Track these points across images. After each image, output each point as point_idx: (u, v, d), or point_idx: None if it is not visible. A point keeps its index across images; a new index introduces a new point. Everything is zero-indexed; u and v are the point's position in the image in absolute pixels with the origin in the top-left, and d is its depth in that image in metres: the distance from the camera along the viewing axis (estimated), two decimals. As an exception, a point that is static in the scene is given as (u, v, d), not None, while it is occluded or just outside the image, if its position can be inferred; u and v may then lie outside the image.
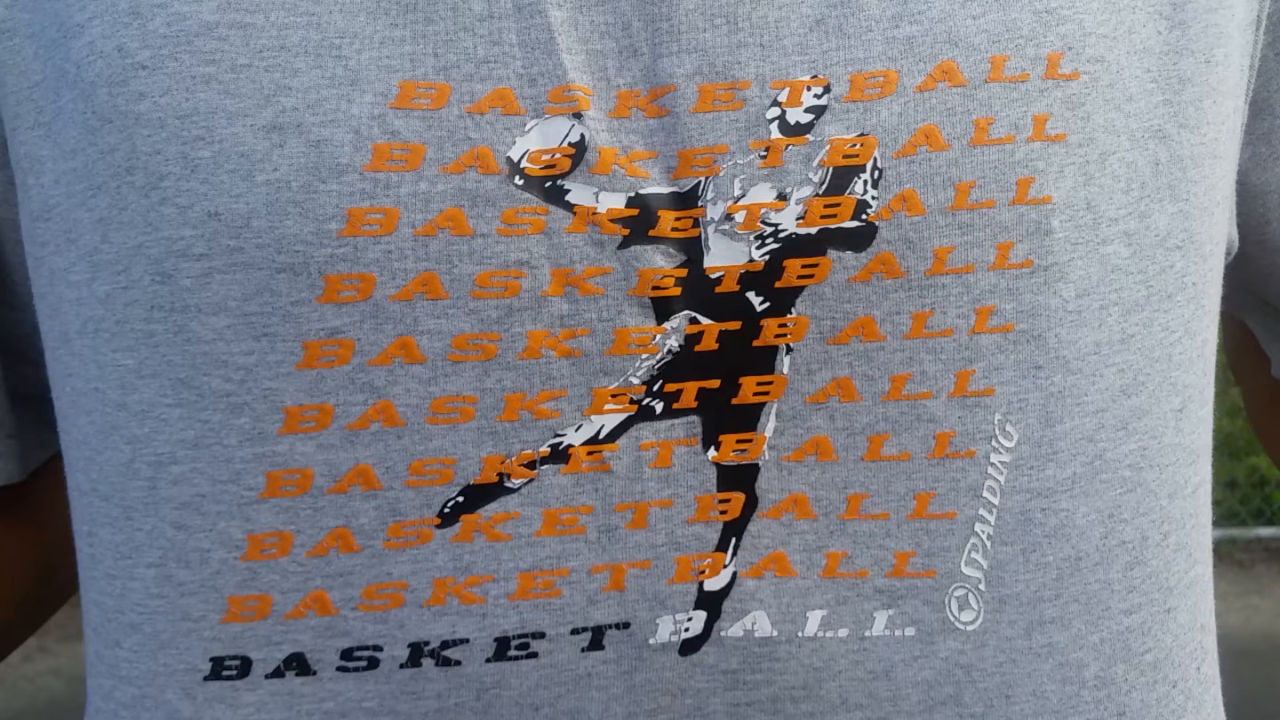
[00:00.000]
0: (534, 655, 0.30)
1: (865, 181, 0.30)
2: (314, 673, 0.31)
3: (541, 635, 0.30)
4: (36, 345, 0.41)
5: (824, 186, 0.30)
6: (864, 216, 0.30)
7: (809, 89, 0.30)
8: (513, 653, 0.30)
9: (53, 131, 0.32)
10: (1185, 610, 0.36)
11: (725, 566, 0.31)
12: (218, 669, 0.31)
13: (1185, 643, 0.36)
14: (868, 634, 0.31)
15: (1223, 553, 2.75)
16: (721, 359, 0.30)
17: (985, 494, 0.32)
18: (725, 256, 0.30)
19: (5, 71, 0.33)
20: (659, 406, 0.30)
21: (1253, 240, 0.43)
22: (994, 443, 0.31)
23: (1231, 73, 0.35)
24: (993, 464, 0.32)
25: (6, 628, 0.48)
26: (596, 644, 0.31)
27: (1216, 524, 2.79)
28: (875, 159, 0.30)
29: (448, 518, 0.30)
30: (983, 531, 0.32)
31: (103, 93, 0.31)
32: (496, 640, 0.30)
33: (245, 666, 0.31)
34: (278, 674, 0.31)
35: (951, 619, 0.32)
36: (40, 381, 0.42)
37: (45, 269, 0.34)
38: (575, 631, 0.30)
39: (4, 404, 0.41)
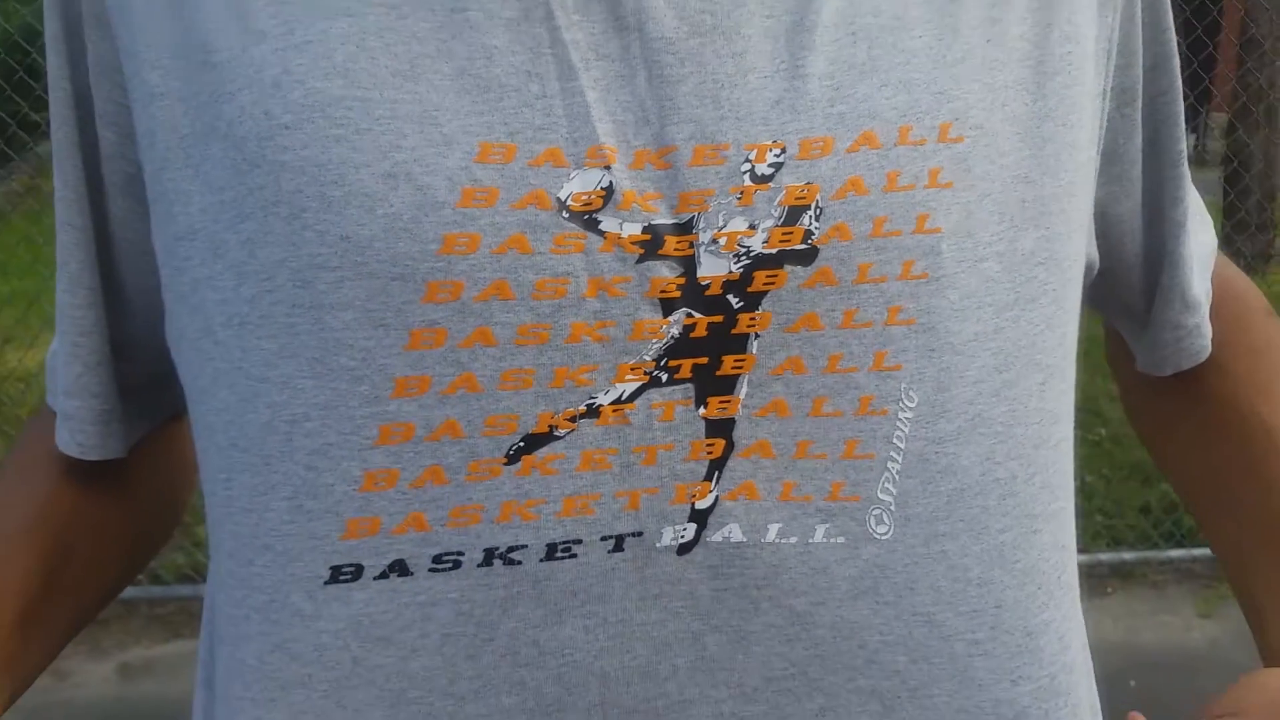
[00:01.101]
0: (574, 556, 0.41)
1: (810, 216, 0.42)
2: (411, 574, 0.41)
3: (579, 542, 0.41)
4: (139, 346, 0.51)
5: (781, 220, 0.42)
6: (809, 241, 0.42)
7: (771, 150, 0.42)
8: (559, 555, 0.41)
9: (201, 173, 0.43)
10: (1049, 533, 0.48)
11: (710, 492, 0.42)
12: (335, 575, 0.42)
13: (1049, 557, 0.48)
14: (811, 541, 0.43)
15: (1138, 575, 2.92)
16: (709, 343, 0.42)
17: (895, 441, 0.43)
18: (712, 269, 0.42)
19: (157, 125, 0.44)
20: (664, 377, 0.42)
21: (1114, 258, 0.56)
22: (901, 404, 0.43)
23: (1085, 132, 0.48)
24: (900, 419, 0.43)
25: (108, 584, 0.57)
26: (618, 548, 0.42)
27: (1132, 547, 2.97)
28: (818, 200, 0.42)
29: (512, 458, 0.41)
30: (893, 468, 0.43)
31: (252, 145, 0.41)
32: (547, 546, 0.41)
33: (358, 572, 0.42)
34: (383, 576, 0.41)
35: (871, 531, 0.43)
36: (134, 376, 0.53)
37: (188, 278, 0.44)
38: (603, 539, 0.41)
39: (115, 393, 0.52)
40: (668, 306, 0.41)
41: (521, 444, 0.41)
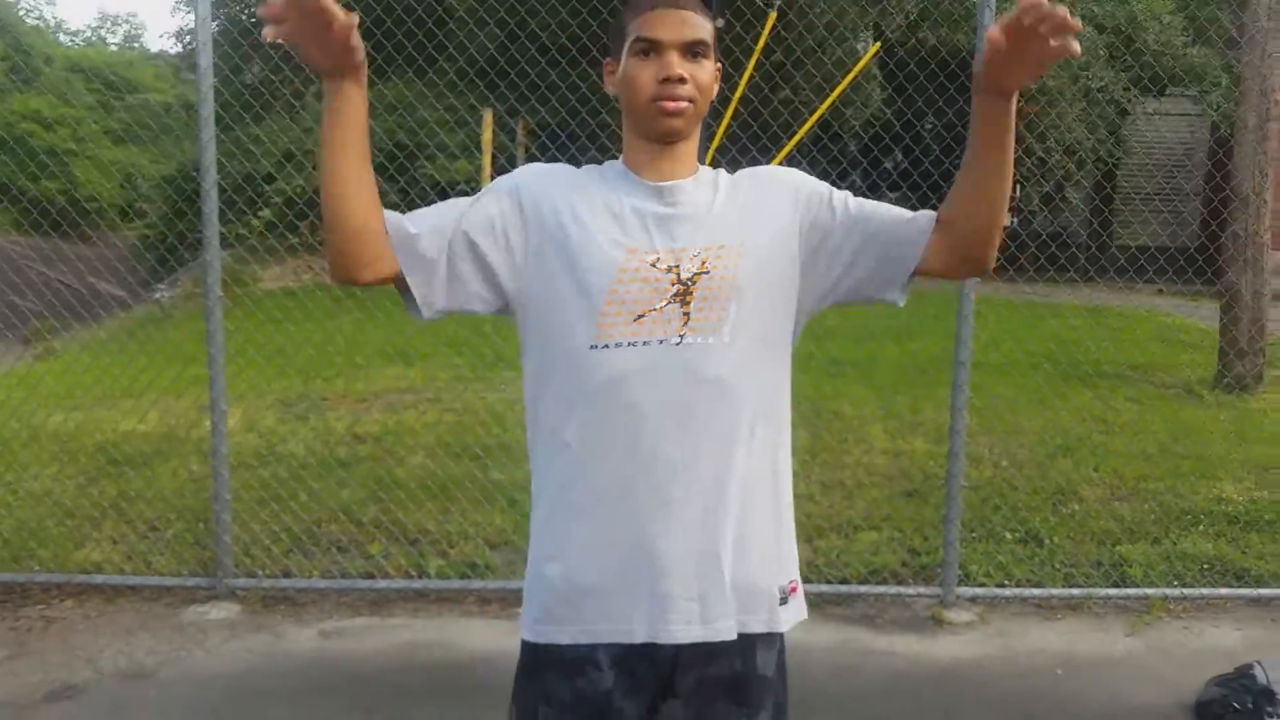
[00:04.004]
0: (645, 345, 1.42)
1: (704, 262, 1.44)
2: (612, 346, 1.41)
3: (648, 343, 1.41)
4: (489, 284, 1.49)
5: (699, 264, 1.43)
6: (705, 268, 1.44)
7: (704, 249, 1.45)
8: (636, 347, 1.41)
9: (528, 232, 1.47)
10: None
11: (688, 324, 1.42)
12: (595, 347, 1.42)
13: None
14: (709, 341, 1.42)
15: (1084, 606, 3.74)
16: (683, 292, 1.43)
17: (729, 311, 1.43)
18: (684, 274, 1.43)
19: (523, 197, 1.48)
20: (676, 302, 1.43)
21: (892, 250, 1.51)
22: (729, 306, 1.43)
23: (793, 234, 1.50)
24: (729, 310, 1.43)
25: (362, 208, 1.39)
26: (648, 346, 1.41)
27: (1080, 585, 3.80)
28: (706, 259, 1.44)
29: (636, 319, 1.42)
30: (728, 317, 1.43)
31: (546, 244, 1.46)
32: (643, 341, 1.42)
33: (607, 345, 1.42)
34: (618, 346, 1.41)
35: (722, 338, 1.44)
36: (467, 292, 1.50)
37: (539, 274, 1.47)
38: (659, 342, 1.41)
39: (480, 283, 1.50)
40: (673, 279, 1.43)
41: (640, 314, 1.42)
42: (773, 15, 3.98)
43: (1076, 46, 1.25)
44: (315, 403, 5.71)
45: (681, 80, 1.42)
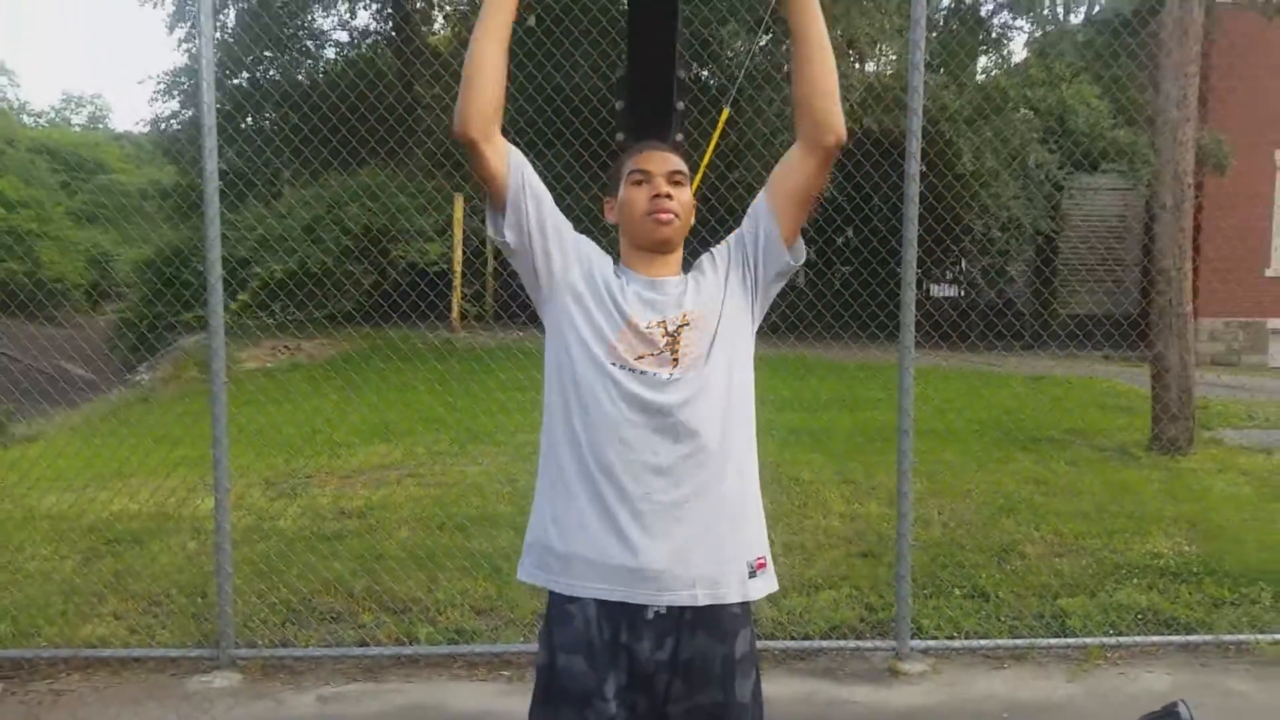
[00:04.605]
0: (641, 373, 1.80)
1: (681, 324, 1.84)
2: (616, 367, 1.81)
3: (646, 374, 1.80)
4: (539, 239, 1.89)
5: (680, 320, 1.84)
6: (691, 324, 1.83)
7: (678, 320, 1.84)
8: (633, 372, 1.80)
9: (569, 271, 1.87)
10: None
11: (676, 366, 1.81)
12: (610, 365, 1.80)
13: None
14: (695, 375, 1.82)
15: (1028, 656, 4.06)
16: (669, 340, 1.82)
17: (700, 357, 1.84)
18: (669, 326, 1.83)
19: (582, 252, 1.90)
20: (665, 349, 1.83)
21: (769, 244, 1.93)
22: (701, 350, 1.85)
23: (736, 279, 1.92)
24: (701, 354, 1.84)
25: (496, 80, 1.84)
26: (639, 374, 1.80)
27: (1024, 637, 4.14)
28: (690, 321, 1.84)
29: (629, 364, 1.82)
30: (701, 355, 1.84)
31: (579, 280, 1.90)
32: (641, 368, 1.80)
33: (621, 365, 1.80)
34: (622, 368, 1.81)
35: (701, 372, 1.83)
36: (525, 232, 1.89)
37: (566, 286, 1.86)
38: (641, 373, 1.80)
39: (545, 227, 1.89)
40: (662, 332, 1.82)
41: (640, 355, 1.81)
42: (726, 112, 4.41)
43: None
44: (301, 480, 5.95)
45: (669, 196, 1.87)
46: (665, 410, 1.78)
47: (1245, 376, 12.91)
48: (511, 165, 1.84)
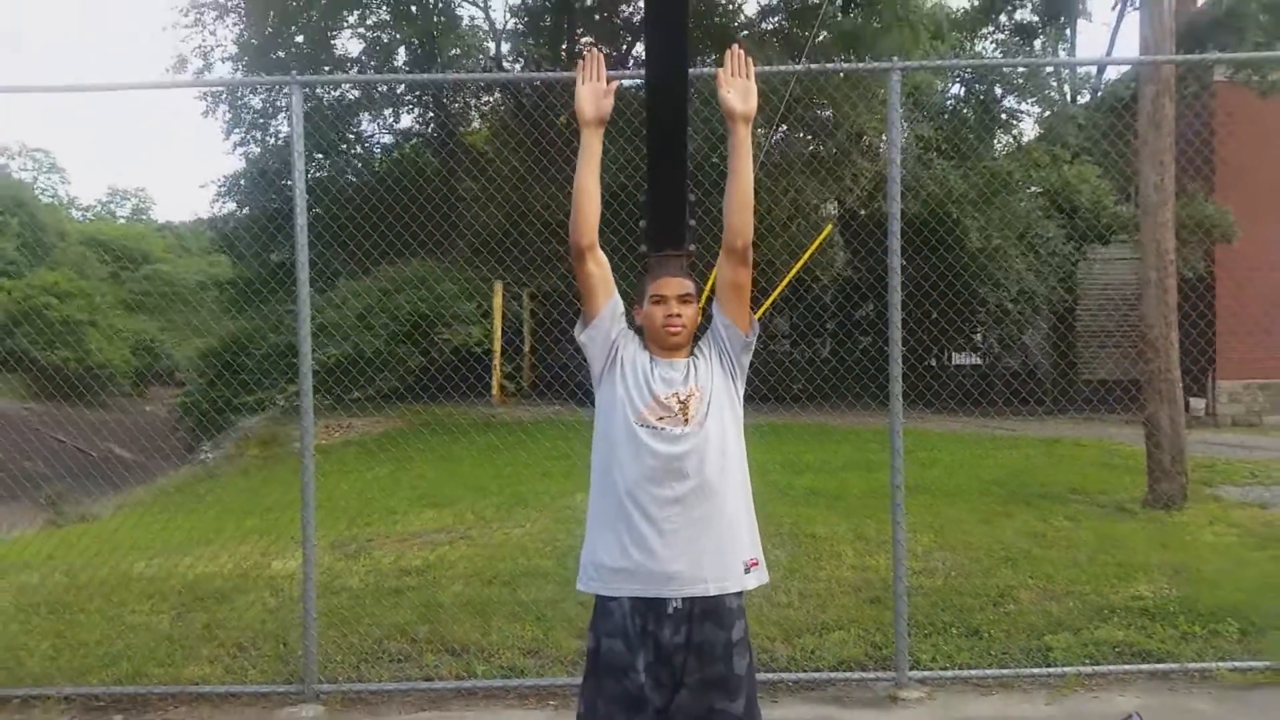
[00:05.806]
0: (661, 430, 2.45)
1: (689, 394, 2.49)
2: (643, 427, 2.47)
3: (664, 430, 2.45)
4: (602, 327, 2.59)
5: (689, 391, 2.49)
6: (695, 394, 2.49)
7: (687, 394, 2.49)
8: (656, 430, 2.46)
9: (620, 365, 2.54)
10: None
11: (687, 425, 2.46)
12: (637, 426, 2.46)
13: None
14: (699, 430, 2.47)
15: (1014, 684, 4.57)
16: (682, 406, 2.47)
17: (708, 421, 2.50)
18: (682, 396, 2.47)
19: (629, 350, 2.56)
20: (679, 412, 2.48)
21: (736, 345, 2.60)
22: (706, 416, 2.50)
23: (723, 361, 2.57)
24: (707, 421, 2.49)
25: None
26: (660, 431, 2.46)
27: (1009, 667, 4.65)
28: (697, 393, 2.49)
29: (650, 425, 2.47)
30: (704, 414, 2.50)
31: (624, 362, 2.56)
32: (652, 427, 2.46)
33: (646, 426, 2.45)
34: (647, 427, 2.46)
35: (706, 429, 2.49)
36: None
37: (618, 374, 2.54)
38: (656, 430, 2.45)
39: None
40: (676, 400, 2.47)
41: (661, 416, 2.47)
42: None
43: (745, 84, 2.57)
44: (363, 543, 6.60)
45: (679, 316, 2.54)
46: (679, 457, 2.43)
47: (1262, 437, 13.32)
48: (613, 301, 2.57)
